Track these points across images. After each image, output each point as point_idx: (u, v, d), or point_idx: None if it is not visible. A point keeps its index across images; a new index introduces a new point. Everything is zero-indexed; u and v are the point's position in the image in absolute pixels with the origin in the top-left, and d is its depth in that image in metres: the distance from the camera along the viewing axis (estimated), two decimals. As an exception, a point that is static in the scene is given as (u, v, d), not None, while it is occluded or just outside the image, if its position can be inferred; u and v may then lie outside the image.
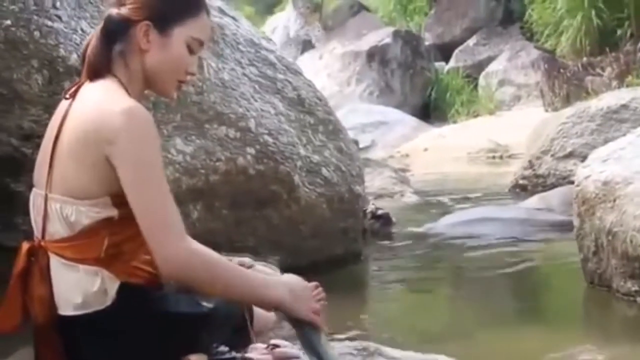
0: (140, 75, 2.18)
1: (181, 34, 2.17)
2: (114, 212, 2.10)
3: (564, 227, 5.20)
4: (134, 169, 2.03)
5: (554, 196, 6.20)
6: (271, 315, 2.45)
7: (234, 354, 2.46)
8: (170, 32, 2.17)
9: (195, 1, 2.23)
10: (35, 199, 2.20)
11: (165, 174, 2.10)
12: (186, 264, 2.03)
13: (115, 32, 2.16)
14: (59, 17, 3.18)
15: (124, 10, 2.16)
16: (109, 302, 2.10)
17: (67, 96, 2.20)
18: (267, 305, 2.17)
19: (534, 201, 6.27)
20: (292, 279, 2.22)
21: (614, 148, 3.83)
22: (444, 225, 5.64)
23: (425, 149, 11.64)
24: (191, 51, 2.20)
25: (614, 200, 3.55)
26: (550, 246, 4.97)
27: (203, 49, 2.27)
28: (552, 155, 7.21)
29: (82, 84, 2.19)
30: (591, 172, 3.73)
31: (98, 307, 2.10)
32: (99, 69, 2.16)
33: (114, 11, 2.18)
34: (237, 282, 2.10)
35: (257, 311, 2.44)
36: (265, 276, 2.20)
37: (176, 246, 2.03)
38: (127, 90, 2.14)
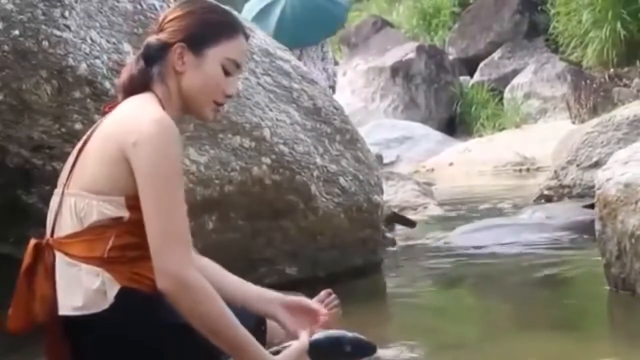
0: (178, 98, 2.21)
1: (216, 55, 2.19)
2: (125, 214, 2.08)
3: (581, 231, 5.13)
4: (151, 178, 2.03)
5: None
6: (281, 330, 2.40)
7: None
8: (205, 54, 2.19)
9: (230, 23, 2.26)
10: (54, 198, 2.20)
11: (183, 190, 2.07)
12: (185, 283, 2.00)
13: (154, 56, 2.19)
14: (68, 27, 3.16)
15: (162, 35, 2.21)
16: (107, 305, 2.07)
17: (108, 110, 2.23)
18: None
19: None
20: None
21: (634, 150, 3.76)
22: (459, 234, 5.59)
23: (451, 164, 11.56)
24: (227, 73, 2.20)
25: (636, 203, 3.47)
26: (569, 251, 4.89)
27: (239, 71, 2.27)
28: (577, 165, 7.10)
29: (121, 101, 2.22)
30: (612, 175, 3.65)
31: (96, 310, 2.07)
32: (137, 86, 2.18)
33: (153, 37, 2.23)
34: (223, 331, 2.04)
35: (270, 323, 2.40)
36: (255, 349, 2.08)
37: (179, 262, 2.01)
38: (163, 107, 2.15)
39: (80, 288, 2.08)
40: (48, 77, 3.09)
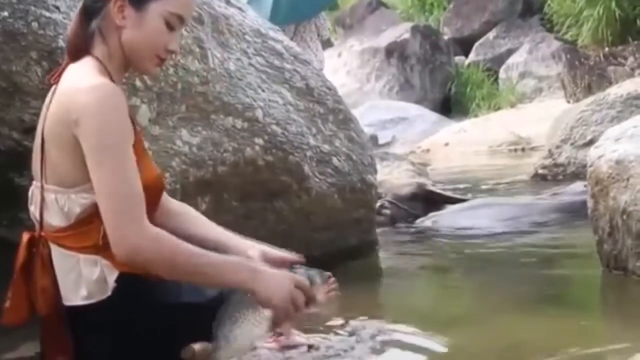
0: (119, 53, 2.13)
1: (157, 8, 2.10)
2: None
3: (572, 211, 5.14)
4: (94, 147, 1.96)
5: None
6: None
7: (238, 341, 2.43)
8: (146, 7, 2.10)
9: None
10: (34, 191, 2.18)
11: (131, 155, 2.01)
12: (140, 249, 1.96)
13: (93, 9, 2.13)
14: (57, 8, 3.15)
15: None
16: (109, 292, 2.06)
17: (52, 81, 2.18)
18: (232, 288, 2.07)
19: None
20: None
21: (626, 127, 3.76)
22: (448, 213, 5.60)
23: (446, 144, 11.55)
24: (170, 27, 2.12)
25: (628, 179, 3.48)
26: (561, 231, 4.90)
27: (184, 25, 2.20)
28: (571, 144, 7.13)
29: (66, 67, 2.16)
30: (604, 152, 3.66)
31: (100, 297, 2.07)
32: (78, 49, 2.13)
33: None
34: (199, 269, 2.01)
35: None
36: (230, 260, 2.07)
37: (130, 230, 1.95)
38: (105, 69, 2.10)
39: (81, 278, 2.07)
40: (38, 59, 3.07)
